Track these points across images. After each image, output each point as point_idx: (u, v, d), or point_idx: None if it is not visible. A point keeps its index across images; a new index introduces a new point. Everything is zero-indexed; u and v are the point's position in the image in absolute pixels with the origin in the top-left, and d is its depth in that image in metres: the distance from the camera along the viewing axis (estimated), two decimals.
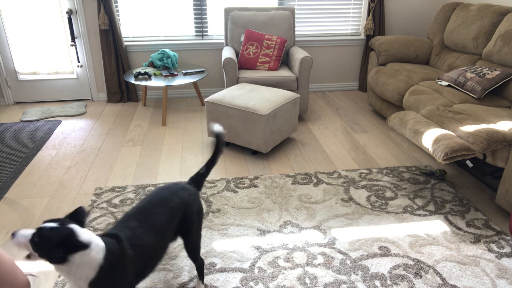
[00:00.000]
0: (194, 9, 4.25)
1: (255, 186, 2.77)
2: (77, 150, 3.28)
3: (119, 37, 4.10)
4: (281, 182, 2.82)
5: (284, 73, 3.80)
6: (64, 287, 1.91)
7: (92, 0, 4.00)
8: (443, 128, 2.55)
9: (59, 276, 1.97)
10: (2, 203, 2.56)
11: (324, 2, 4.44)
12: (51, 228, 1.29)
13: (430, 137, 2.45)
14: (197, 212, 1.74)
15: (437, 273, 2.01)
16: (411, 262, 2.07)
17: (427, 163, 3.12)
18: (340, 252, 2.14)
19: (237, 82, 3.71)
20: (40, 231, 1.28)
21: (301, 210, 2.51)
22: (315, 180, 2.84)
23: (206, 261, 2.07)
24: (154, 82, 3.67)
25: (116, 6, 4.13)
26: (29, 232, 1.29)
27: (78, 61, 4.23)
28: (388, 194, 2.69)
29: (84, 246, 1.32)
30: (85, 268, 1.33)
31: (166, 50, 4.05)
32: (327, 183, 2.80)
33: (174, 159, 3.15)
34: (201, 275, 1.88)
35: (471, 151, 2.29)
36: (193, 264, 2.04)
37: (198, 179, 1.84)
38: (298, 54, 3.78)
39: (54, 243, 1.27)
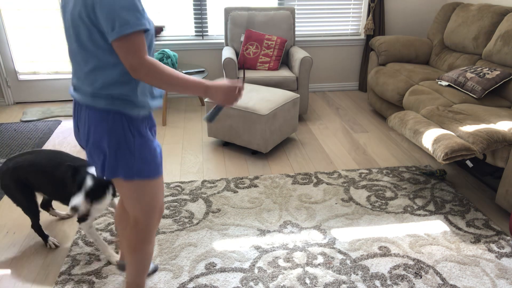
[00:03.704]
0: (194, 9, 4.25)
1: (255, 186, 2.77)
2: (77, 150, 3.27)
3: None
4: (281, 182, 2.82)
5: (284, 73, 3.80)
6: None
7: None
8: (443, 128, 2.55)
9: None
10: (3, 203, 2.56)
11: (324, 2, 4.44)
12: (94, 179, 1.79)
13: (430, 137, 2.45)
14: None
15: (437, 273, 2.01)
16: (411, 262, 2.07)
17: (427, 163, 3.12)
18: (340, 252, 2.14)
19: None
20: (91, 190, 1.78)
21: (301, 210, 2.51)
22: (315, 180, 2.84)
23: (206, 261, 2.07)
24: None
25: None
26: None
27: None
28: (388, 194, 2.69)
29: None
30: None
31: (166, 50, 4.05)
32: (327, 183, 2.80)
33: (174, 159, 3.15)
34: None
35: (471, 151, 2.29)
36: (193, 264, 2.04)
37: None
38: (298, 54, 3.78)
39: (106, 186, 1.87)
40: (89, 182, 1.79)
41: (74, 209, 1.75)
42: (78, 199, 1.76)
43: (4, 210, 2.49)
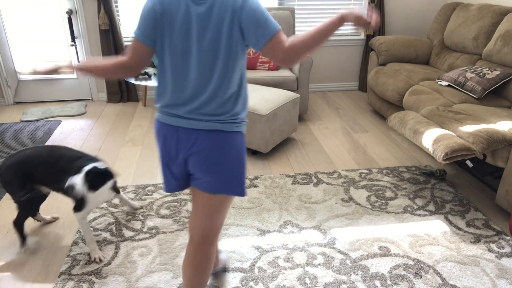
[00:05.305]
0: None
1: (255, 186, 2.77)
2: None
3: (119, 37, 4.10)
4: (281, 182, 2.82)
5: (284, 73, 3.80)
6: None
7: (92, 0, 4.00)
8: (443, 128, 2.55)
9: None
10: (2, 203, 2.56)
11: (324, 2, 4.44)
12: (95, 168, 1.90)
13: (430, 137, 2.45)
14: None
15: (437, 273, 2.01)
16: (411, 262, 2.07)
17: (427, 163, 3.12)
18: (340, 252, 2.14)
19: None
20: (89, 173, 1.88)
21: (301, 210, 2.51)
22: (315, 180, 2.84)
23: None
24: (154, 82, 3.67)
25: (116, 6, 4.13)
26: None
27: (78, 61, 4.23)
28: (388, 194, 2.69)
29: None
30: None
31: None
32: (327, 183, 2.80)
33: None
34: None
35: (471, 151, 2.29)
36: None
37: None
38: None
39: (106, 176, 1.96)
40: (89, 167, 1.89)
41: (71, 187, 1.80)
42: (76, 179, 1.83)
43: (4, 210, 2.49)
